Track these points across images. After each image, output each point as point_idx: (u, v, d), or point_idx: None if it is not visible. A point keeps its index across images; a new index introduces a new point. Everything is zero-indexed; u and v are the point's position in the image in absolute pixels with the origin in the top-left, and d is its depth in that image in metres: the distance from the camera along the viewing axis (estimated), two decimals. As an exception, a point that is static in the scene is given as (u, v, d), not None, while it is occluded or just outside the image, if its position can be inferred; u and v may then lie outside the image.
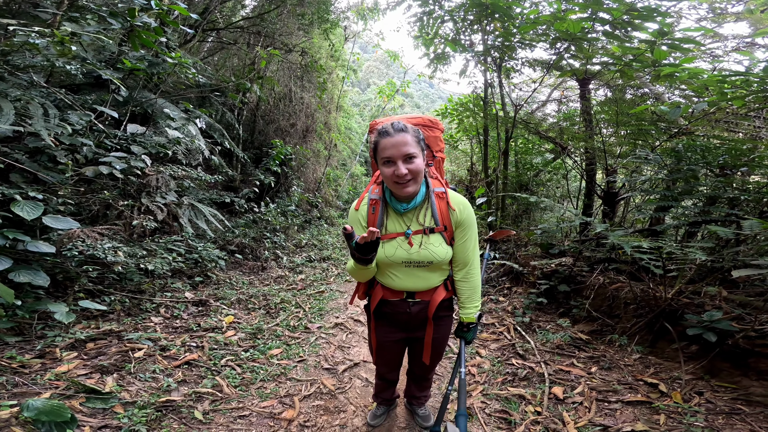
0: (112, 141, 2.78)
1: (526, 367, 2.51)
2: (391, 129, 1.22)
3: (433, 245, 1.32)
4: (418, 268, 1.35)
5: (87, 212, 2.56)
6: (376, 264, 1.36)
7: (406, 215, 1.35)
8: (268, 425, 1.94)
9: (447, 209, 1.35)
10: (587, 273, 3.00)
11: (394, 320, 1.51)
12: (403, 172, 1.20)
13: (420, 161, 1.24)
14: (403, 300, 1.44)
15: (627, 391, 2.12)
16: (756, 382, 1.89)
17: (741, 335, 1.95)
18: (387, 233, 1.34)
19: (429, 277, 1.39)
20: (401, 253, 1.32)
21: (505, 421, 2.00)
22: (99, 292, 2.68)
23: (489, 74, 5.09)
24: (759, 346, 1.93)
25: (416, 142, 1.24)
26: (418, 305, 1.44)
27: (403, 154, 1.20)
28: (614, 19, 2.82)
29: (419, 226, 1.34)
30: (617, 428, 1.82)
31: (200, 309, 3.16)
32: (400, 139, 1.20)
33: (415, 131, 1.26)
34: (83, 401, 1.87)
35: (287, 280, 4.41)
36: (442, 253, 1.33)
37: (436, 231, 1.33)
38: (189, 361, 2.39)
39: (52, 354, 2.19)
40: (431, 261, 1.33)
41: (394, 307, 1.46)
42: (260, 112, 7.00)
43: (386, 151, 1.22)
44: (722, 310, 2.09)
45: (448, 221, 1.35)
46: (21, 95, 2.19)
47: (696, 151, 2.29)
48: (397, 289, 1.41)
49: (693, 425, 1.77)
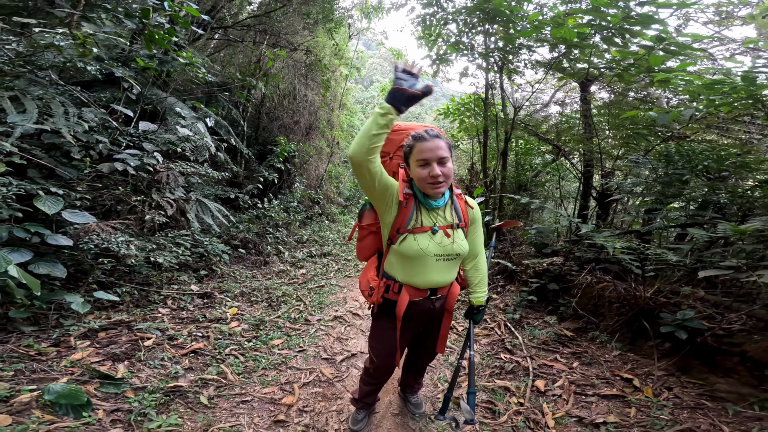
0: (125, 138, 2.91)
1: (513, 361, 2.63)
2: (426, 135, 1.34)
3: (459, 239, 1.45)
4: (447, 262, 1.45)
5: (101, 207, 2.70)
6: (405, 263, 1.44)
7: (433, 212, 1.44)
8: (269, 410, 2.07)
9: (466, 207, 1.51)
10: (576, 272, 3.11)
11: (416, 319, 1.57)
12: (438, 172, 1.32)
13: (451, 165, 1.37)
14: (427, 298, 1.52)
15: (604, 386, 2.25)
16: (722, 379, 2.01)
17: (709, 333, 2.06)
18: (421, 226, 1.41)
19: (452, 270, 1.50)
20: (434, 246, 1.40)
21: (491, 411, 2.13)
22: (110, 284, 2.83)
23: (492, 75, 5.18)
24: (725, 344, 2.04)
25: (448, 147, 1.37)
26: (440, 301, 1.56)
27: (439, 157, 1.32)
28: (612, 25, 2.91)
29: (445, 222, 1.44)
30: (591, 420, 1.96)
31: (205, 301, 3.31)
32: (437, 144, 1.33)
33: (446, 138, 1.40)
34: (97, 386, 2.00)
35: (289, 275, 4.55)
36: (466, 247, 1.47)
37: (460, 226, 1.46)
38: (195, 350, 2.52)
39: (67, 342, 2.32)
40: (459, 254, 1.45)
41: (418, 307, 1.52)
42: (264, 109, 7.11)
43: (423, 154, 1.33)
44: (695, 309, 2.21)
45: (467, 218, 1.50)
46: (42, 94, 2.32)
47: (683, 155, 2.39)
48: (424, 287, 1.48)
49: (659, 418, 1.90)
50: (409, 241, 1.38)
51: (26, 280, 1.84)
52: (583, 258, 3.15)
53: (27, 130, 2.07)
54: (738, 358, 1.98)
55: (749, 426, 1.74)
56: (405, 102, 1.23)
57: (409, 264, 1.44)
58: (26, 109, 2.13)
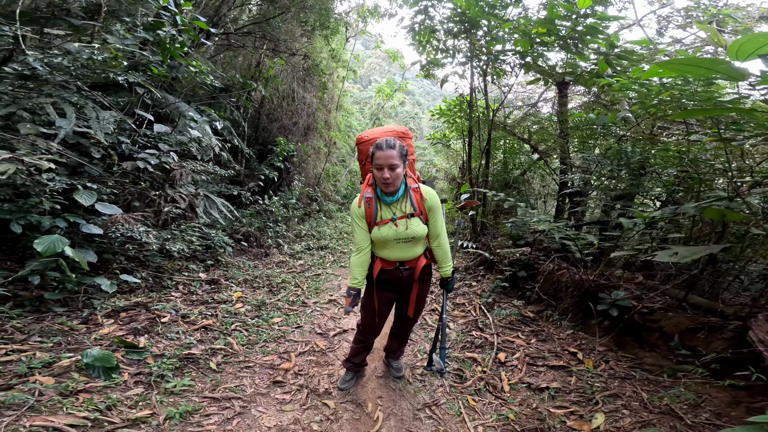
0: (141, 139, 3.28)
1: (482, 337, 3.02)
2: (384, 145, 1.73)
3: (414, 225, 1.85)
4: (405, 243, 1.89)
5: (123, 201, 3.07)
6: (378, 244, 1.92)
7: (392, 205, 1.87)
8: (269, 373, 2.44)
9: (420, 199, 1.88)
10: (542, 261, 3.49)
11: (390, 284, 2.02)
12: (387, 176, 1.73)
13: (400, 170, 1.76)
14: (396, 267, 1.97)
15: (553, 358, 2.63)
16: (648, 353, 2.37)
17: (635, 312, 2.43)
18: (381, 220, 1.86)
19: (413, 248, 1.93)
20: (392, 233, 1.84)
21: (459, 377, 2.51)
22: (130, 270, 3.20)
23: (477, 78, 5.53)
24: (648, 321, 2.41)
25: (399, 156, 1.75)
26: (407, 270, 1.98)
27: (389, 164, 1.72)
28: (566, 35, 3.28)
29: (402, 212, 1.86)
30: (537, 385, 2.34)
31: (213, 287, 3.69)
32: (390, 154, 1.72)
33: (401, 148, 1.76)
34: (123, 354, 2.34)
35: (288, 265, 4.93)
36: (420, 231, 1.86)
37: (415, 215, 1.86)
38: (205, 325, 2.89)
39: (95, 320, 2.66)
40: (413, 237, 1.86)
41: (389, 274, 1.98)
42: (264, 111, 7.46)
43: (378, 160, 1.74)
44: (627, 290, 2.58)
45: (422, 207, 1.88)
46: (77, 100, 2.69)
47: (626, 154, 2.75)
48: (392, 260, 1.94)
49: (593, 386, 2.27)
50: (375, 231, 1.86)
51: (78, 259, 2.21)
52: (549, 248, 3.53)
53: (68, 133, 2.43)
54: (658, 333, 2.34)
55: (662, 393, 2.10)
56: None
57: (380, 245, 1.94)
58: (66, 114, 2.49)
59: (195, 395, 2.10)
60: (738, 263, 2.35)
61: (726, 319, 2.15)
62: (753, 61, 1.35)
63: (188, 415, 1.92)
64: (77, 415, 1.73)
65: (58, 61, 2.73)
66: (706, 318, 2.20)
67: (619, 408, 2.06)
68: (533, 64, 3.91)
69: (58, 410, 1.75)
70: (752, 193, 2.02)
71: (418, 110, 25.74)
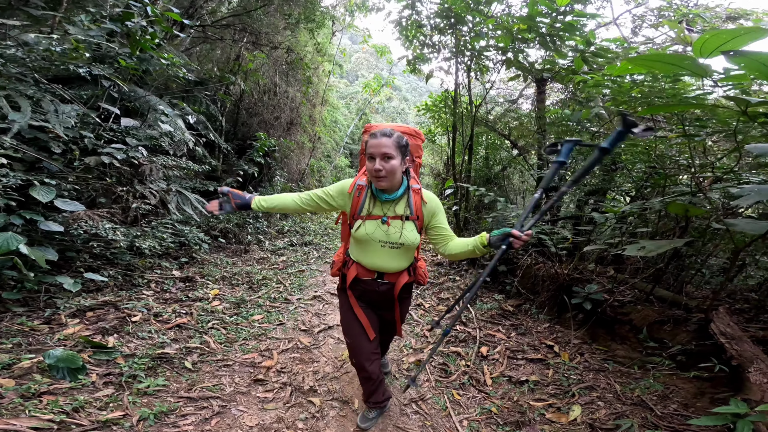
0: (107, 133, 3.13)
1: (466, 331, 3.05)
2: (378, 133, 1.49)
3: (407, 231, 1.57)
4: (392, 249, 1.60)
5: (87, 197, 2.92)
6: (356, 244, 1.65)
7: (386, 204, 1.59)
8: (249, 372, 2.36)
9: (421, 202, 1.61)
10: (521, 255, 3.54)
11: (365, 297, 1.74)
12: (377, 167, 1.45)
13: (395, 162, 1.47)
14: (374, 279, 1.68)
15: (531, 351, 2.70)
16: (620, 346, 2.45)
17: (607, 305, 2.50)
18: (369, 214, 1.59)
19: (398, 259, 1.63)
20: (379, 233, 1.57)
21: (445, 371, 2.53)
22: (97, 267, 3.06)
23: (461, 74, 5.54)
24: (620, 314, 2.48)
25: (396, 146, 1.47)
26: (385, 285, 1.68)
27: (382, 153, 1.45)
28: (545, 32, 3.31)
29: (395, 214, 1.58)
30: (518, 379, 2.39)
31: (187, 284, 3.56)
32: (383, 142, 1.46)
33: (398, 138, 1.49)
34: (90, 354, 2.23)
35: (269, 261, 4.82)
36: (412, 238, 1.58)
37: (411, 219, 1.59)
38: (179, 324, 2.78)
39: (58, 320, 2.52)
40: (403, 243, 1.57)
41: (365, 285, 1.70)
42: (244, 105, 7.26)
43: (370, 149, 1.49)
44: (599, 284, 2.64)
45: (420, 212, 1.61)
46: (33, 93, 2.53)
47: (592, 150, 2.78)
48: (371, 268, 1.64)
49: (570, 378, 2.35)
50: (359, 227, 1.59)
51: (34, 256, 2.09)
52: (527, 243, 3.57)
53: (22, 127, 2.29)
54: (628, 326, 2.41)
55: (633, 384, 2.19)
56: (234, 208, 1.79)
57: (359, 246, 1.65)
58: (21, 108, 2.34)
59: (170, 395, 2.03)
60: (699, 257, 2.43)
61: (690, 311, 2.23)
62: (716, 58, 1.37)
63: (163, 415, 1.85)
64: (41, 418, 1.65)
65: (12, 53, 2.55)
66: (672, 311, 2.27)
67: (594, 400, 2.13)
68: (514, 61, 3.94)
69: (20, 413, 1.66)
70: (713, 189, 2.08)
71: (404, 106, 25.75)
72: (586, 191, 3.04)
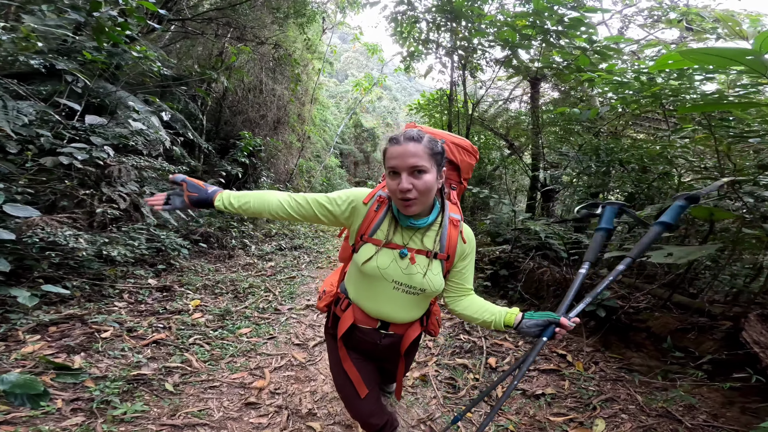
0: (69, 132, 2.82)
1: (471, 341, 2.87)
2: (402, 137, 1.05)
3: (432, 272, 1.15)
4: (407, 294, 1.18)
5: (44, 201, 2.61)
6: (359, 279, 1.23)
7: (409, 231, 1.17)
8: (239, 393, 2.11)
9: (458, 238, 1.18)
10: (522, 259, 3.39)
11: (364, 350, 1.32)
12: (406, 186, 1.02)
13: (429, 178, 1.04)
14: (375, 330, 1.26)
15: (543, 361, 2.54)
16: (635, 353, 2.31)
17: (622, 312, 2.35)
18: (387, 242, 1.15)
19: (412, 307, 1.23)
20: (395, 270, 1.14)
21: (452, 386, 2.34)
22: (59, 278, 2.74)
23: (456, 72, 5.39)
24: (635, 321, 2.34)
25: (430, 155, 1.04)
26: (389, 338, 1.27)
27: (410, 166, 1.02)
28: (550, 28, 3.16)
29: (420, 246, 1.16)
30: (532, 392, 2.22)
31: (165, 294, 3.25)
32: (410, 149, 1.03)
33: (431, 143, 1.06)
34: (54, 377, 1.95)
35: (256, 267, 4.52)
36: (437, 284, 1.16)
37: (439, 258, 1.16)
38: (157, 340, 2.48)
39: (15, 337, 2.23)
40: (425, 290, 1.15)
41: (362, 335, 1.27)
42: (227, 103, 6.94)
43: (391, 161, 1.05)
44: (612, 289, 2.50)
45: (453, 251, 1.17)
46: None
47: (606, 150, 2.67)
48: (374, 316, 1.23)
49: (587, 389, 2.20)
50: (367, 255, 1.14)
51: None
52: (528, 245, 3.43)
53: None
54: (645, 333, 2.28)
55: (657, 395, 2.06)
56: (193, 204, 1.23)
57: (362, 282, 1.21)
58: None
59: (150, 422, 1.79)
60: (719, 262, 2.32)
61: (714, 319, 2.10)
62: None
63: (143, 445, 1.57)
64: (-2, 454, 1.36)
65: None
66: (694, 318, 2.13)
67: (617, 413, 1.99)
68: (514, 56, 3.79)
69: (-27, 447, 1.37)
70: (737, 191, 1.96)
71: (395, 105, 25.69)
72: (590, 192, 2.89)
